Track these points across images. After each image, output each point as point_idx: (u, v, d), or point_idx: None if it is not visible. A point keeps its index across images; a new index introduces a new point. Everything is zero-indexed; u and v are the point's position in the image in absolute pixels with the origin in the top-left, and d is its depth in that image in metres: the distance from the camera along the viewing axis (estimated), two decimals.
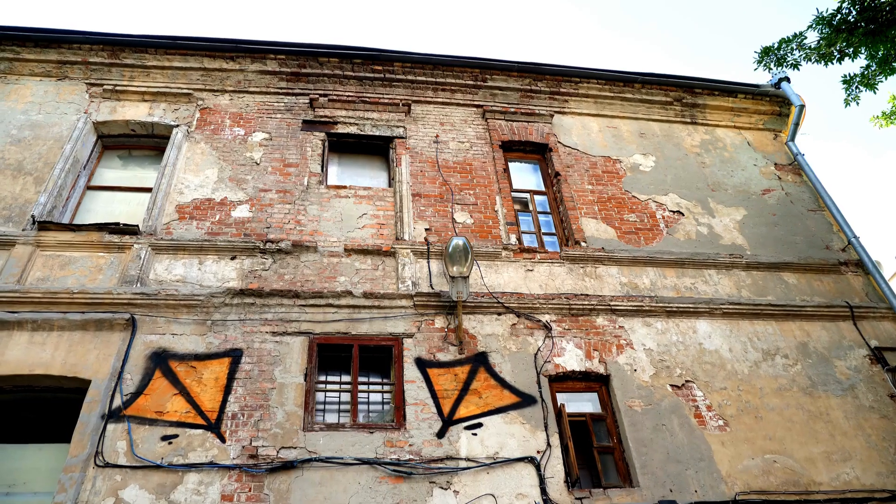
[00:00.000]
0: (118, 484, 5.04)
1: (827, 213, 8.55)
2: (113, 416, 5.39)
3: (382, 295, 6.53)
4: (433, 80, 8.82)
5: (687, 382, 6.48)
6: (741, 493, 5.76)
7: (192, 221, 6.92)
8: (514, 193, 8.07)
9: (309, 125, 8.13)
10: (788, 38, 7.28)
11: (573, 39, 32.81)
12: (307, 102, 8.35)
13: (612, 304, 6.91)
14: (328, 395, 6.07)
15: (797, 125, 9.30)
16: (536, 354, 6.41)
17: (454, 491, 5.36)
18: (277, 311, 6.29)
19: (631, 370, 6.47)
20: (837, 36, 6.98)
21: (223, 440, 5.38)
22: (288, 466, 5.28)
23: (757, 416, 6.36)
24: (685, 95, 9.40)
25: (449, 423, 5.79)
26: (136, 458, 5.18)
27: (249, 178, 7.43)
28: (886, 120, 8.02)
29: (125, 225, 6.64)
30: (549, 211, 8.07)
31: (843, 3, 6.94)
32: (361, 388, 6.14)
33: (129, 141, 7.97)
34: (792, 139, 9.32)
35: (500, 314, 6.67)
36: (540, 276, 7.12)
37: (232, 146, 7.74)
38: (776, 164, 9.14)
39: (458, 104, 8.81)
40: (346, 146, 8.25)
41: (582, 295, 6.97)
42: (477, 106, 8.83)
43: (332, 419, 5.90)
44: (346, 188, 7.54)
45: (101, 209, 7.25)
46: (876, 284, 7.71)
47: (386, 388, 6.21)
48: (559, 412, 6.05)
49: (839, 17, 6.98)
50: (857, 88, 7.32)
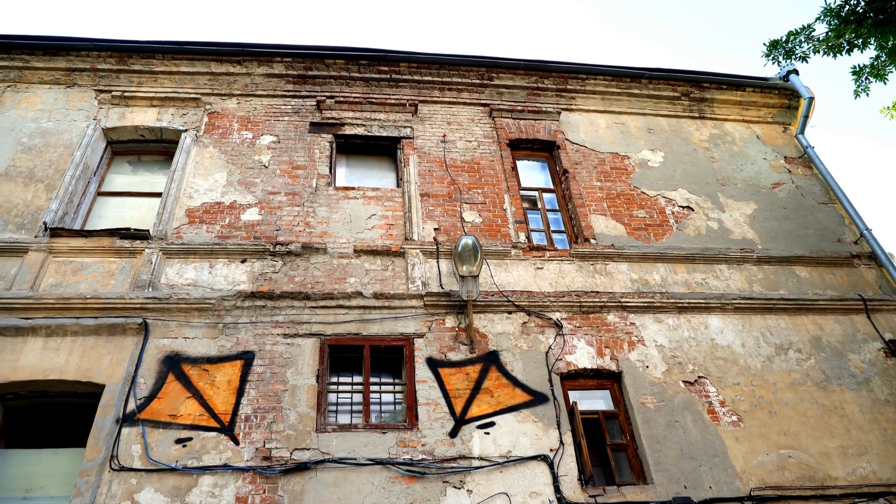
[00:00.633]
0: (134, 487, 5.08)
1: (838, 205, 8.48)
2: (127, 420, 5.43)
3: (392, 295, 6.54)
4: (439, 79, 8.82)
5: (700, 378, 6.45)
6: (756, 488, 5.72)
7: (201, 225, 6.96)
8: (522, 191, 8.05)
9: (316, 127, 8.15)
10: (797, 30, 7.22)
11: (579, 37, 32.71)
12: (314, 104, 8.37)
13: (622, 300, 6.88)
14: (340, 396, 6.09)
15: (806, 118, 9.24)
16: (548, 352, 6.39)
17: (468, 490, 5.36)
18: (288, 313, 6.32)
19: (643, 367, 6.44)
20: (846, 27, 6.91)
21: (237, 442, 5.41)
22: (301, 468, 5.30)
23: (771, 411, 6.32)
24: (693, 90, 9.35)
25: (461, 422, 5.79)
26: (150, 461, 5.22)
27: (258, 181, 7.46)
28: None
29: (136, 230, 6.69)
30: (557, 208, 8.05)
31: None
32: (373, 388, 6.15)
33: (138, 146, 8.03)
34: (801, 132, 9.26)
35: (510, 313, 6.66)
36: (550, 273, 7.11)
37: (240, 149, 7.77)
38: (786, 157, 9.07)
39: (464, 103, 8.80)
40: (353, 147, 8.27)
41: (592, 292, 6.95)
42: (484, 105, 8.82)
43: (344, 420, 5.92)
44: (354, 189, 7.56)
45: (111, 215, 7.31)
46: (889, 277, 7.63)
47: (398, 388, 6.22)
48: (571, 410, 6.04)
49: (847, 7, 6.91)
50: (866, 79, 7.24)
